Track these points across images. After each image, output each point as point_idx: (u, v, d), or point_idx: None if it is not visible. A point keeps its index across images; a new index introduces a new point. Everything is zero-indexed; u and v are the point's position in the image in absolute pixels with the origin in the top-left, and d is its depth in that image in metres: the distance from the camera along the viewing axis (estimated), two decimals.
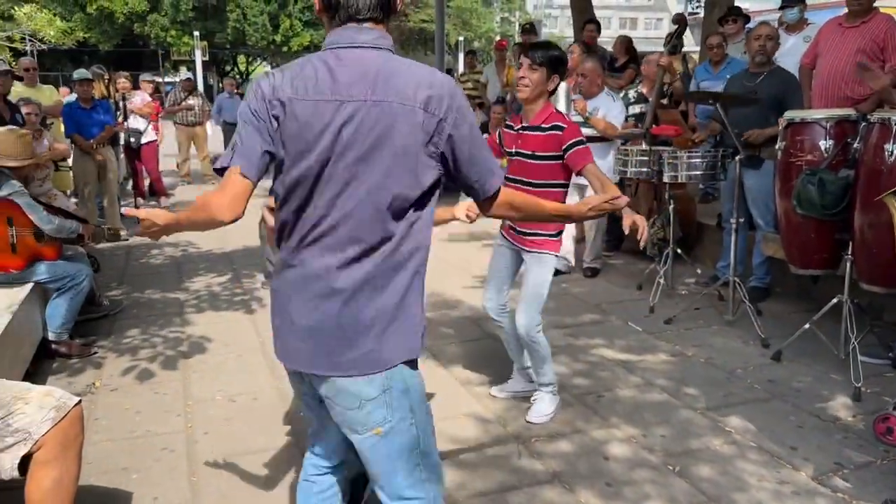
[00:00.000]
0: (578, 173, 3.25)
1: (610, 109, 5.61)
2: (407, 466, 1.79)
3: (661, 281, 5.19)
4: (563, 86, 3.56)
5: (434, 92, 1.63)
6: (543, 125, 3.27)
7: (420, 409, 1.80)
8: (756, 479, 2.97)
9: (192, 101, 11.33)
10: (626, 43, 8.37)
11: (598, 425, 3.45)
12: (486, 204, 1.87)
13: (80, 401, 2.37)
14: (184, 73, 12.17)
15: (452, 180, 1.75)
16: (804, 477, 2.98)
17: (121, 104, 8.88)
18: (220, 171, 1.70)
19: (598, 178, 3.20)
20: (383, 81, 1.62)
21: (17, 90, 6.99)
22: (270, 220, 1.96)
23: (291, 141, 1.65)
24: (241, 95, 12.73)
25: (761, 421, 3.47)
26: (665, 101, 6.37)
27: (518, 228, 3.40)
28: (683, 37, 6.68)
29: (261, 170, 1.68)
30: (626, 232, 2.94)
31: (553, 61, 3.20)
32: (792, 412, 3.57)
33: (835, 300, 4.06)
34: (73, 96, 8.03)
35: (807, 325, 4.16)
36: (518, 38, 29.25)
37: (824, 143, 4.00)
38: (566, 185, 3.35)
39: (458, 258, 6.58)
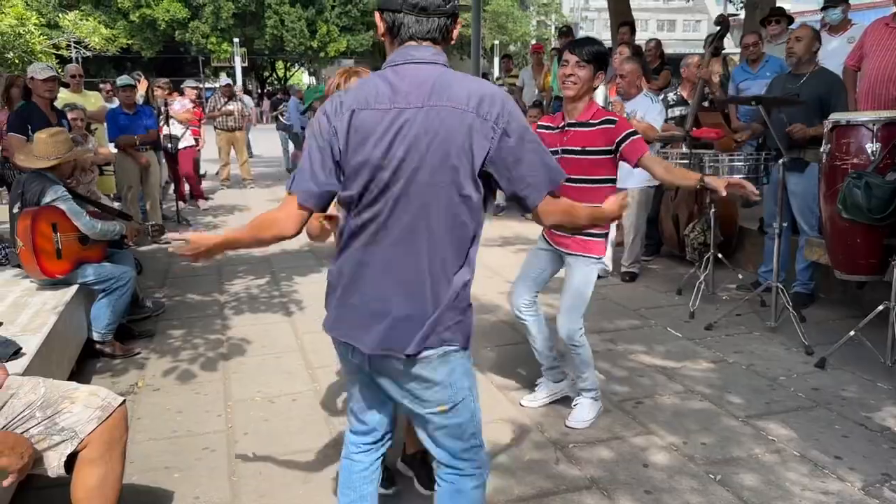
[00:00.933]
0: (636, 165, 3.22)
1: (649, 111, 5.56)
2: (465, 435, 2.00)
3: (702, 286, 5.12)
4: (600, 90, 3.53)
5: (486, 98, 1.77)
6: (592, 120, 3.24)
7: (476, 387, 2.01)
8: (800, 489, 2.90)
9: (231, 106, 11.45)
10: (657, 46, 8.30)
11: (637, 432, 3.40)
12: (536, 213, 1.89)
13: (124, 401, 2.41)
14: (223, 79, 12.25)
15: (500, 185, 1.84)
16: (850, 487, 2.91)
17: (162, 109, 9.04)
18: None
19: (660, 165, 3.19)
20: (438, 89, 1.76)
21: (64, 96, 7.16)
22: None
23: (355, 150, 1.78)
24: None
25: (805, 429, 3.40)
26: (706, 104, 6.28)
27: None
28: (724, 39, 6.60)
29: (319, 204, 1.89)
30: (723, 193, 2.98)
31: (598, 57, 3.18)
32: (837, 421, 3.49)
33: (881, 307, 3.96)
34: (116, 101, 8.21)
35: (852, 332, 4.07)
36: (554, 42, 29.13)
37: (871, 146, 3.92)
38: (615, 181, 3.32)
39: (493, 263, 6.57)
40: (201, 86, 27.20)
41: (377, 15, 1.87)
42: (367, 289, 1.88)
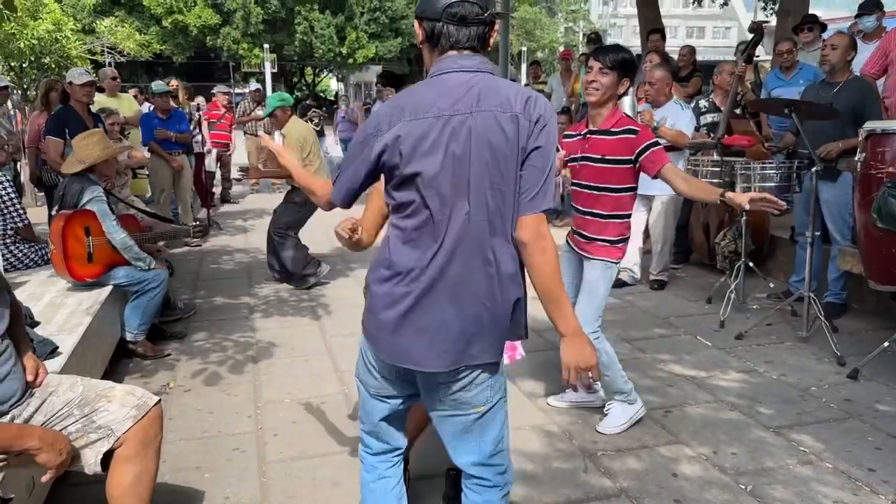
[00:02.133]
0: (655, 176, 3.21)
1: (679, 118, 5.53)
2: (496, 437, 2.02)
3: (733, 295, 5.07)
4: (626, 99, 3.53)
5: (531, 99, 1.82)
6: (614, 129, 3.24)
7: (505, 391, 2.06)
8: (832, 502, 2.87)
9: (260, 111, 11.53)
10: (690, 52, 8.25)
11: (666, 441, 3.38)
12: (520, 222, 1.85)
13: (159, 400, 2.45)
14: (252, 85, 12.31)
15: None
16: (884, 500, 2.87)
17: (195, 115, 9.15)
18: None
19: (679, 177, 3.18)
20: (485, 95, 1.80)
21: (100, 100, 7.28)
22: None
23: (406, 159, 1.80)
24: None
25: (837, 441, 3.36)
26: (738, 111, 6.23)
27: (582, 233, 3.37)
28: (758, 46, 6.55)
29: (345, 201, 1.99)
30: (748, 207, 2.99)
31: (623, 64, 3.17)
32: (870, 433, 3.44)
33: None
34: (146, 106, 8.33)
35: (886, 343, 4.01)
36: (582, 48, 29.05)
37: None
38: (635, 189, 3.31)
39: None
40: (232, 91, 27.53)
41: (416, 23, 1.90)
42: (439, 308, 1.85)
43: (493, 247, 1.83)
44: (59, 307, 3.98)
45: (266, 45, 28.90)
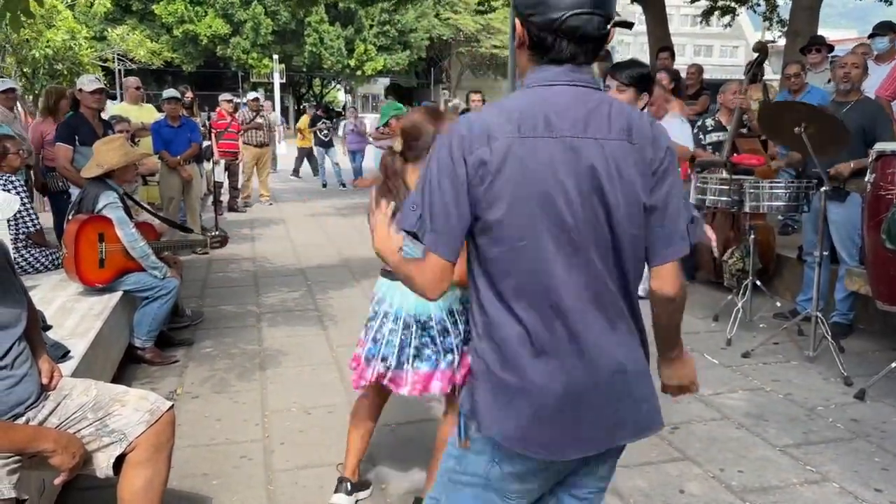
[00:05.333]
0: None
1: (681, 132, 5.52)
2: None
3: (740, 313, 5.08)
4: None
5: (657, 130, 1.57)
6: None
7: None
8: None
9: (260, 120, 11.48)
10: (698, 71, 8.30)
11: (673, 458, 3.38)
12: (657, 273, 1.63)
13: (172, 405, 2.47)
14: (251, 94, 12.26)
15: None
16: None
17: (206, 123, 9.21)
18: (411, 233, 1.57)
19: None
20: (608, 118, 1.51)
21: (123, 108, 7.34)
22: None
23: (517, 187, 1.48)
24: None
25: (844, 461, 3.35)
26: (745, 130, 6.26)
27: None
28: (763, 65, 6.58)
29: (457, 251, 1.54)
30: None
31: (641, 80, 3.19)
32: (877, 453, 3.44)
33: None
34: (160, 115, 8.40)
35: (893, 364, 4.01)
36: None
37: None
38: None
39: None
40: (239, 100, 27.70)
41: (518, 21, 1.54)
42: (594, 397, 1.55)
43: (625, 293, 1.59)
44: (70, 311, 4.01)
45: (275, 56, 29.09)
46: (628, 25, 1.62)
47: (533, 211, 1.47)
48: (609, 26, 1.50)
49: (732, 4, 13.90)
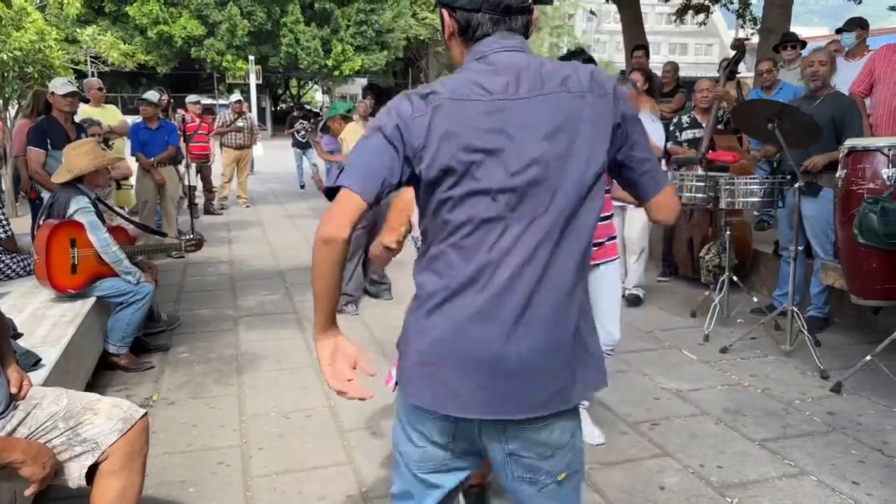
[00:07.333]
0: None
1: (653, 131, 5.53)
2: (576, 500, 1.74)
3: (717, 309, 5.11)
4: None
5: (596, 72, 1.57)
6: None
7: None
8: None
9: (241, 123, 11.45)
10: (674, 69, 8.35)
11: (653, 455, 3.39)
12: (652, 205, 1.70)
13: (146, 413, 2.43)
14: (234, 96, 12.19)
15: (619, 174, 1.67)
16: None
17: (181, 125, 9.13)
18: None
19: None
20: (546, 75, 1.53)
21: (85, 110, 7.24)
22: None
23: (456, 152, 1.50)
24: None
25: (821, 454, 3.38)
26: (721, 127, 6.30)
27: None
28: (740, 63, 6.64)
29: (374, 196, 1.52)
30: None
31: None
32: (853, 446, 3.47)
33: None
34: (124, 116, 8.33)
35: (868, 357, 4.05)
36: None
37: (886, 172, 3.92)
38: (608, 191, 3.36)
39: None
40: (214, 101, 27.43)
41: (444, 13, 1.60)
42: (528, 338, 1.53)
43: (569, 261, 1.56)
44: (42, 319, 3.94)
45: (251, 57, 28.87)
46: (548, 1, 1.71)
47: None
48: (531, 1, 1.56)
49: (706, 2, 14.00)
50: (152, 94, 7.96)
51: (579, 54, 3.20)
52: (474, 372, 1.53)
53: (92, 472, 2.26)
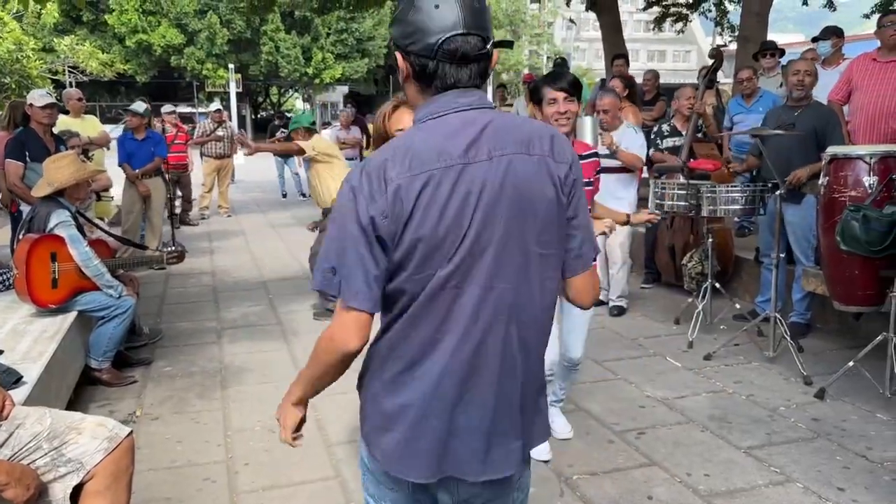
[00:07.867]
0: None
1: (633, 142, 5.56)
2: None
3: (700, 316, 5.14)
4: (588, 120, 3.54)
5: (556, 138, 1.55)
6: (583, 154, 3.28)
7: None
8: None
9: (221, 132, 11.36)
10: (654, 77, 8.42)
11: (640, 464, 3.40)
12: (572, 283, 1.64)
13: (131, 431, 2.40)
14: (213, 105, 12.11)
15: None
16: None
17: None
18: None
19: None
20: (503, 135, 1.49)
21: (64, 121, 7.16)
22: None
23: (417, 224, 1.45)
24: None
25: (807, 460, 3.41)
26: (700, 136, 6.36)
27: None
28: (718, 71, 6.70)
29: (377, 303, 1.49)
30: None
31: (580, 89, 3.20)
32: (838, 452, 3.50)
33: (880, 337, 3.99)
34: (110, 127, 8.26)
35: (851, 363, 4.09)
36: (547, 71, 29.39)
37: (868, 179, 3.97)
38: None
39: None
40: (194, 110, 27.27)
41: (399, 56, 1.52)
42: (480, 403, 1.52)
43: (531, 322, 1.56)
44: (23, 335, 3.89)
45: (231, 66, 28.75)
46: (508, 45, 1.64)
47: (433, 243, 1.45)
48: (488, 46, 1.49)
49: (685, 11, 14.13)
50: (139, 105, 7.90)
51: (561, 65, 3.24)
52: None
53: (77, 493, 2.23)
